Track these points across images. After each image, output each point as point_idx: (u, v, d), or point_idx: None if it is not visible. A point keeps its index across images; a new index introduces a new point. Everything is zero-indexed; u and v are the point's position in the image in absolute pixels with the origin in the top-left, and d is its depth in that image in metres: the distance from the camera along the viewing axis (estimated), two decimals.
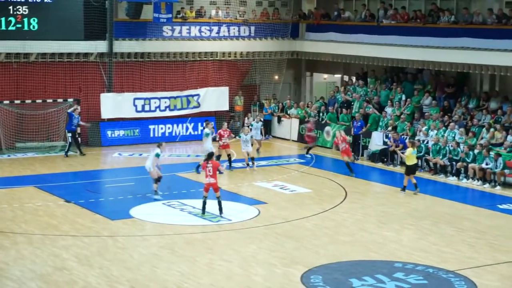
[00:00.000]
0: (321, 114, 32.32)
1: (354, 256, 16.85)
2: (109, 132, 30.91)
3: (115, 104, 30.85)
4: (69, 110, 28.53)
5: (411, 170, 23.21)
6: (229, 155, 26.17)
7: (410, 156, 23.09)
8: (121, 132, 31.17)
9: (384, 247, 17.67)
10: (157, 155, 21.80)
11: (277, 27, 34.62)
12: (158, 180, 21.79)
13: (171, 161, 27.63)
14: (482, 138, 26.15)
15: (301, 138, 32.39)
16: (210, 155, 20.58)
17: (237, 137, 27.12)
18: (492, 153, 24.59)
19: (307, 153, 29.16)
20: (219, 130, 26.62)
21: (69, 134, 28.45)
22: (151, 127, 31.73)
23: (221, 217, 19.83)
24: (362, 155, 29.20)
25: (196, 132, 32.34)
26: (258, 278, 15.31)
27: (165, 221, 19.55)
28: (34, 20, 28.87)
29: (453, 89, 29.84)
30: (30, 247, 17.13)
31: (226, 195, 22.78)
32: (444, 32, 28.74)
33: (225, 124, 27.26)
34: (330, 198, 22.59)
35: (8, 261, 16.08)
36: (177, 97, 32.28)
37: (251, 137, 26.86)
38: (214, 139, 26.27)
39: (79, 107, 28.83)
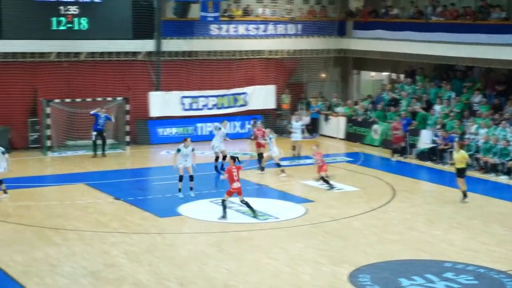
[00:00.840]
0: (368, 113, 32.12)
1: (403, 255, 16.70)
2: (157, 130, 31.18)
3: (163, 103, 31.11)
4: (93, 111, 28.56)
5: (459, 173, 21.77)
6: (260, 154, 25.83)
7: (458, 158, 21.71)
8: (169, 130, 31.40)
9: (433, 246, 17.48)
10: (178, 151, 21.67)
11: (324, 25, 34.49)
12: (180, 179, 21.63)
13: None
14: None
15: (348, 136, 32.22)
16: (234, 158, 20.20)
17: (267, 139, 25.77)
18: None
19: (395, 155, 28.08)
20: (254, 129, 26.53)
21: (94, 133, 28.38)
22: (199, 125, 31.92)
23: (255, 217, 19.73)
24: (410, 153, 28.87)
25: (243, 131, 32.42)
26: (305, 276, 15.28)
27: (213, 219, 19.63)
28: (84, 19, 29.29)
29: (504, 86, 29.37)
30: (81, 244, 17.38)
31: (274, 193, 22.84)
32: (494, 28, 28.31)
33: (259, 123, 27.09)
34: (378, 196, 22.42)
35: (59, 258, 16.34)
36: (224, 95, 32.43)
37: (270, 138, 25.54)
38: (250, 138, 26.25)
39: (103, 109, 28.77)
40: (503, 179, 25.02)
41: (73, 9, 29.07)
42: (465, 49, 29.03)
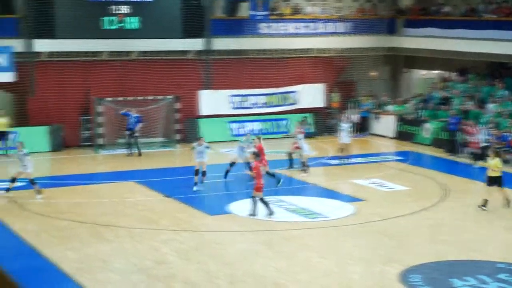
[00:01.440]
0: (419, 111, 31.79)
1: (454, 256, 16.48)
2: (206, 128, 31.32)
3: (212, 101, 31.27)
4: (123, 111, 28.68)
5: (491, 181, 20.35)
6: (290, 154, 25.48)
7: (491, 166, 20.37)
8: (218, 128, 31.50)
9: (486, 247, 17.20)
10: (193, 148, 22.86)
11: (374, 23, 34.27)
12: (195, 172, 22.50)
13: (269, 158, 27.69)
14: None
15: (399, 135, 31.93)
16: (257, 155, 20.47)
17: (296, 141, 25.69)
18: None
19: (477, 162, 25.92)
20: (296, 129, 26.26)
21: (127, 132, 28.52)
22: (248, 123, 31.97)
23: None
24: (460, 152, 28.42)
25: (292, 130, 32.39)
26: (355, 276, 15.20)
27: (263, 217, 19.65)
28: (135, 19, 29.61)
29: None
30: (132, 241, 17.56)
31: (323, 192, 22.76)
32: None
33: (298, 123, 26.80)
34: (428, 196, 22.17)
35: (111, 254, 16.55)
36: (274, 94, 32.44)
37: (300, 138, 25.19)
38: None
39: (134, 110, 28.85)
40: None
41: (125, 9, 29.41)
42: None
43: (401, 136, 31.87)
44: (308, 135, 32.24)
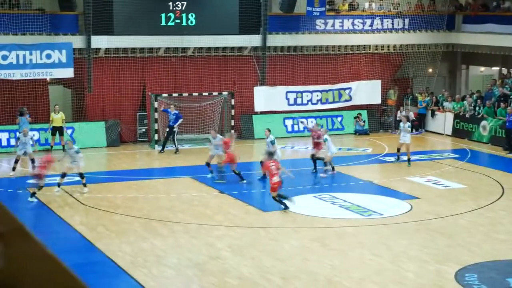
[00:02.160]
0: (477, 108, 31.31)
1: (511, 255, 16.23)
2: (261, 125, 31.36)
3: (267, 97, 31.30)
4: (163, 108, 28.74)
5: None
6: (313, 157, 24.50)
7: None
8: (272, 125, 31.46)
9: None
10: (209, 141, 23.72)
11: (432, 19, 33.84)
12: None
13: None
14: None
15: (455, 133, 31.49)
16: (271, 154, 20.57)
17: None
18: None
19: None
20: (311, 129, 25.39)
21: (167, 129, 28.44)
22: (304, 120, 31.89)
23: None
24: None
25: (346, 126, 32.29)
26: (409, 274, 15.06)
27: (316, 214, 19.62)
28: (192, 15, 29.83)
29: None
30: (186, 236, 17.72)
31: (378, 189, 22.59)
32: None
33: (313, 123, 25.93)
34: (486, 194, 21.82)
35: (166, 249, 16.71)
36: (329, 90, 32.31)
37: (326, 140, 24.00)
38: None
39: (172, 106, 28.78)
40: None
41: (182, 5, 29.65)
42: None
43: (458, 133, 31.43)
44: (363, 132, 32.15)
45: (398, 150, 26.04)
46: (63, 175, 21.60)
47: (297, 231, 18.33)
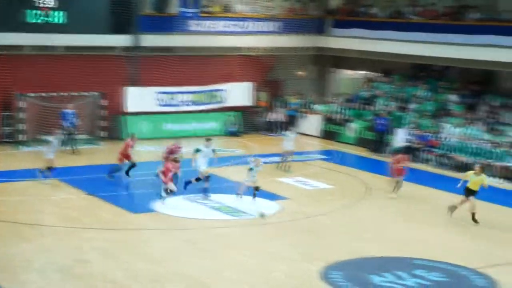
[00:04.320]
0: (344, 111, 32.27)
1: (375, 253, 16.82)
2: (132, 126, 31.07)
3: (138, 98, 31.01)
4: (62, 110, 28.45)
5: (470, 192, 19.64)
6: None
7: (475, 181, 19.59)
8: (144, 126, 31.29)
9: (405, 244, 17.63)
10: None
11: (303, 22, 34.59)
12: (197, 179, 21.31)
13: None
14: (506, 136, 25.96)
15: (325, 134, 32.32)
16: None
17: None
18: None
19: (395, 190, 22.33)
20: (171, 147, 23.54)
21: (64, 130, 28.10)
22: (174, 121, 31.81)
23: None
24: (386, 151, 29.02)
25: (218, 128, 32.50)
26: (279, 273, 15.33)
27: (188, 215, 19.62)
28: (60, 13, 29.10)
29: (479, 86, 29.65)
30: (53, 239, 17.29)
31: (248, 191, 22.80)
32: (470, 29, 28.54)
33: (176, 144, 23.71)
34: (351, 194, 22.55)
35: (32, 253, 16.24)
36: (201, 91, 32.40)
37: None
38: None
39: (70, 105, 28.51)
40: None
41: (50, 2, 28.86)
42: (441, 49, 29.27)
43: (327, 135, 32.29)
44: (235, 133, 32.44)
45: (283, 156, 26.00)
46: None
47: (169, 232, 18.28)
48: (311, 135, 32.92)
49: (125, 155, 23.50)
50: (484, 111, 28.21)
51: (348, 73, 37.40)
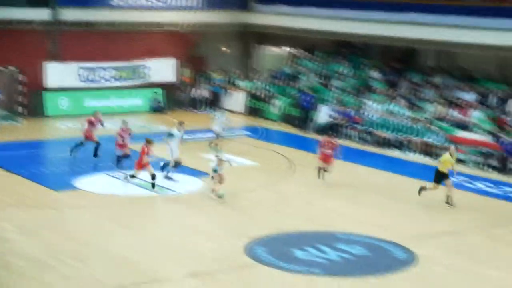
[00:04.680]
0: (268, 87, 32.34)
1: (298, 228, 16.97)
2: (52, 102, 30.41)
3: (59, 73, 30.35)
4: None
5: (442, 177, 19.17)
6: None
7: (444, 161, 19.19)
8: (65, 102, 30.69)
9: (328, 219, 17.84)
10: (169, 135, 20.83)
11: None
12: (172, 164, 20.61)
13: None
14: (426, 112, 26.51)
15: (249, 111, 32.34)
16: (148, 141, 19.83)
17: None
18: (435, 127, 24.99)
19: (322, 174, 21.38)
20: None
21: None
22: (96, 97, 31.28)
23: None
24: (311, 128, 29.25)
25: (142, 104, 32.14)
26: (204, 249, 15.31)
27: (111, 192, 19.38)
28: None
29: (400, 64, 30.13)
30: None
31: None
32: (392, 6, 28.88)
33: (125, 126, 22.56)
34: (276, 170, 22.66)
35: None
36: (124, 67, 31.92)
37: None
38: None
39: None
40: (395, 153, 25.73)
41: None
42: (363, 26, 29.54)
43: (251, 111, 32.31)
44: (159, 109, 32.14)
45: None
46: None
47: (92, 210, 18.02)
48: (235, 112, 32.87)
49: (89, 135, 22.81)
50: (405, 88, 28.71)
51: (272, 50, 37.42)
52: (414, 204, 19.40)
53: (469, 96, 26.68)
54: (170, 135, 20.99)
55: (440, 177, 19.18)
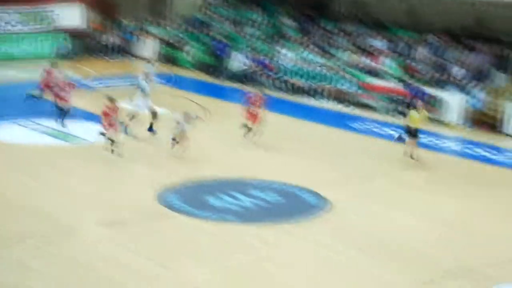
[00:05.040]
0: (181, 34, 31.86)
1: (211, 176, 16.89)
2: None
3: None
4: None
5: (415, 134, 18.74)
6: None
7: (412, 118, 18.77)
8: None
9: (241, 166, 17.83)
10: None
11: None
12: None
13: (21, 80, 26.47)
14: (339, 60, 26.69)
15: (162, 58, 31.81)
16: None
17: None
18: (347, 75, 25.21)
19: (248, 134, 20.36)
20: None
21: None
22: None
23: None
24: (225, 76, 29.03)
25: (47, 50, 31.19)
26: (113, 197, 15.10)
27: (19, 141, 18.80)
28: None
29: (313, 11, 30.13)
30: None
31: (86, 115, 22.19)
32: None
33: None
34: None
35: None
36: (29, 12, 30.74)
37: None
38: None
39: None
40: (308, 100, 25.90)
41: None
42: None
43: (165, 59, 31.78)
44: (67, 57, 31.23)
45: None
46: None
47: (1, 161, 17.44)
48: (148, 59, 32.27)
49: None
50: (319, 35, 28.76)
51: None
52: (326, 150, 19.59)
53: (381, 44, 26.97)
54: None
55: (412, 132, 18.55)
